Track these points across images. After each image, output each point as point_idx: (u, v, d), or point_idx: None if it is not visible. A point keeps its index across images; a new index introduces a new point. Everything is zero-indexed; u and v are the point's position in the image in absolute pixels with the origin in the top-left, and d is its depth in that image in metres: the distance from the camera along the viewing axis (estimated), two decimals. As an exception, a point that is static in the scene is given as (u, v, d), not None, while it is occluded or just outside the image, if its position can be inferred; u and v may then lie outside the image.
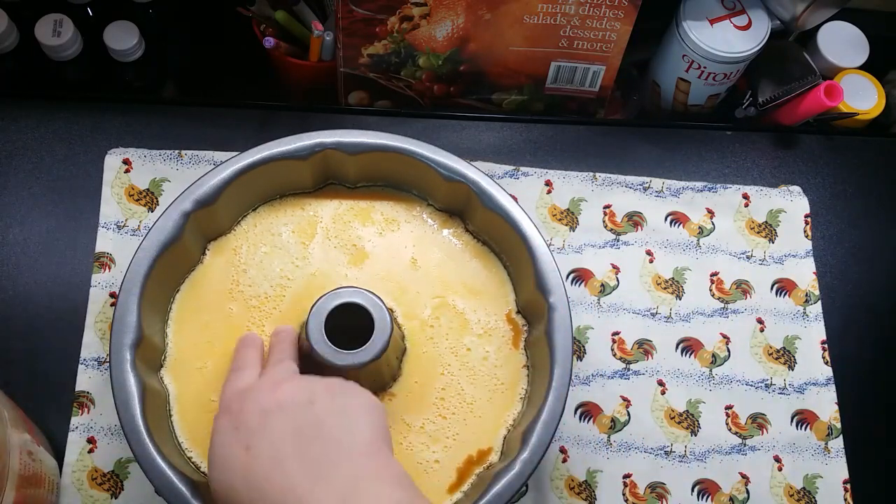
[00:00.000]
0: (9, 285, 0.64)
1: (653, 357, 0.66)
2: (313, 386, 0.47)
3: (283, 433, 0.44)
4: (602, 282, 0.68)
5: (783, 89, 0.74)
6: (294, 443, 0.44)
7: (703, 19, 0.71)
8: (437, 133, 0.72)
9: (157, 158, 0.68)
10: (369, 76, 0.72)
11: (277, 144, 0.59)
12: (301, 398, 0.46)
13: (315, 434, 0.44)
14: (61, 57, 0.71)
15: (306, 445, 0.44)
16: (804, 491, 0.64)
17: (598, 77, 0.73)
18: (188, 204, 0.57)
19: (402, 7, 0.65)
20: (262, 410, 0.46)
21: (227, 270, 0.60)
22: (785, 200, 0.73)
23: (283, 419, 0.45)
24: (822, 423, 0.66)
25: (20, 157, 0.68)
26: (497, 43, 0.69)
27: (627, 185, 0.71)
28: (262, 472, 0.43)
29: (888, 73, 0.80)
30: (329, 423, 0.45)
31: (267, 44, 0.69)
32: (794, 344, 0.68)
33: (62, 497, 0.58)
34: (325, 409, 0.46)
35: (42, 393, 0.61)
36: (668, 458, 0.64)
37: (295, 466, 0.43)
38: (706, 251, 0.70)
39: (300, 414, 0.45)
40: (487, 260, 0.63)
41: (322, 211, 0.63)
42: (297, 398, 0.46)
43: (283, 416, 0.45)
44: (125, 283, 0.55)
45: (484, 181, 0.60)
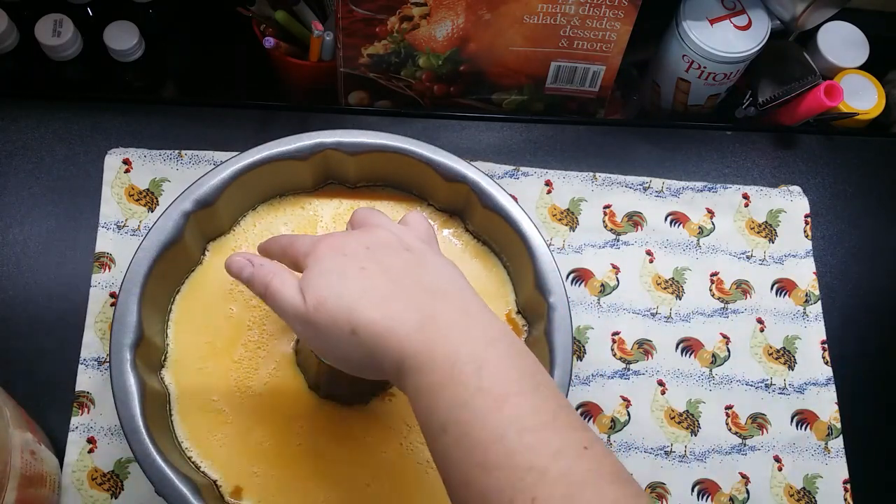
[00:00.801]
0: (9, 285, 0.64)
1: (653, 357, 0.66)
2: (403, 235, 0.48)
3: (392, 263, 0.46)
4: (602, 282, 0.68)
5: (783, 89, 0.74)
6: (404, 272, 0.45)
7: (703, 19, 0.71)
8: (437, 133, 0.72)
9: (157, 158, 0.68)
10: (369, 76, 0.72)
11: (277, 144, 0.59)
12: (396, 242, 0.47)
13: (421, 270, 0.46)
14: (61, 57, 0.71)
15: (416, 276, 0.45)
16: (804, 491, 0.64)
17: (598, 77, 0.73)
18: (188, 204, 0.57)
19: (402, 7, 0.65)
20: (365, 245, 0.47)
21: (228, 270, 0.61)
22: (785, 200, 0.73)
23: (389, 254, 0.46)
24: (822, 423, 0.66)
25: (20, 157, 0.68)
26: (497, 43, 0.69)
27: (627, 185, 0.71)
28: (379, 288, 0.44)
29: (888, 73, 0.80)
30: (432, 266, 0.47)
31: (267, 44, 0.69)
32: (794, 344, 0.68)
33: (62, 497, 0.58)
34: (422, 254, 0.47)
35: (42, 393, 0.61)
36: (668, 458, 0.64)
37: (413, 288, 0.44)
38: (706, 251, 0.70)
39: (402, 253, 0.47)
40: (487, 260, 0.63)
41: (322, 210, 0.63)
42: (394, 241, 0.47)
43: (388, 251, 0.46)
44: (125, 283, 0.55)
45: (484, 181, 0.60)
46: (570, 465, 0.38)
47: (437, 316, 0.43)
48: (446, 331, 0.42)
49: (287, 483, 0.56)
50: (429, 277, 0.45)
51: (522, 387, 0.40)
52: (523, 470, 0.37)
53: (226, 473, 0.55)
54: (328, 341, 0.45)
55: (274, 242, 0.52)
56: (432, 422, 0.41)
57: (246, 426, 0.57)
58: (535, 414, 0.39)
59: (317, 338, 0.45)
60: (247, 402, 0.57)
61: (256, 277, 0.48)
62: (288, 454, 0.56)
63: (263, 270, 0.48)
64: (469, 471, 0.39)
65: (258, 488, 0.55)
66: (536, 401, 0.40)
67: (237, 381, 0.58)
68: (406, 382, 0.42)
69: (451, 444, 0.40)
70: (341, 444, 0.57)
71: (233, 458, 0.56)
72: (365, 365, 0.45)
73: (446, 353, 0.41)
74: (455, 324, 0.43)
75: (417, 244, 0.48)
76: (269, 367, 0.58)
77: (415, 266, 0.46)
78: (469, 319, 0.43)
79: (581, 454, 0.38)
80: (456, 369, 0.40)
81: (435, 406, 0.40)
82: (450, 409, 0.40)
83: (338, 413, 0.58)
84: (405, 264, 0.46)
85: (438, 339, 0.42)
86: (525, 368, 0.42)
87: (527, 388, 0.40)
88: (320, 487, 0.56)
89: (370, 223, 0.50)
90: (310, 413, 0.57)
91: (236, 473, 0.55)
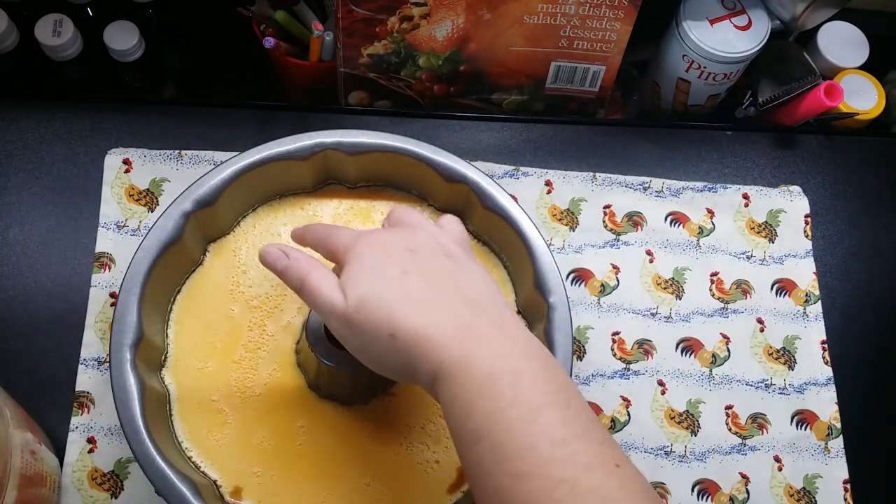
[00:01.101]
0: (9, 285, 0.64)
1: (653, 357, 0.66)
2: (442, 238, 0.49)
3: (433, 269, 0.46)
4: (602, 282, 0.68)
5: (783, 89, 0.74)
6: (444, 278, 0.46)
7: (703, 19, 0.71)
8: (437, 133, 0.72)
9: (157, 158, 0.68)
10: (369, 76, 0.72)
11: (277, 144, 0.59)
12: (437, 246, 0.48)
13: (459, 278, 0.46)
14: (61, 57, 0.71)
15: (455, 283, 0.46)
16: (804, 491, 0.64)
17: (598, 77, 0.73)
18: (188, 204, 0.57)
19: (402, 7, 0.65)
20: (407, 247, 0.47)
21: (228, 272, 0.61)
22: (785, 200, 0.73)
23: (430, 258, 0.47)
24: (822, 423, 0.66)
25: (20, 157, 0.68)
26: (497, 43, 0.69)
27: (627, 185, 0.71)
28: (420, 294, 0.44)
29: (888, 73, 0.80)
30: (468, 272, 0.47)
31: (267, 44, 0.69)
32: (794, 344, 0.68)
33: (62, 497, 0.58)
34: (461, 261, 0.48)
35: (42, 393, 0.61)
36: (668, 458, 0.64)
37: (453, 296, 0.45)
38: (706, 251, 0.70)
39: (442, 258, 0.47)
40: (487, 260, 0.63)
41: (322, 211, 0.63)
42: (434, 245, 0.48)
43: (429, 256, 0.47)
44: (125, 283, 0.55)
45: (484, 181, 0.60)
46: (601, 480, 0.38)
47: (475, 326, 0.43)
48: (484, 342, 0.43)
49: (287, 483, 0.56)
50: (467, 286, 0.46)
51: (555, 400, 0.41)
52: (555, 481, 0.38)
53: (226, 473, 0.55)
54: (365, 342, 0.45)
55: (311, 232, 0.52)
56: (466, 430, 0.41)
57: (246, 426, 0.57)
58: (567, 427, 0.40)
59: (353, 337, 0.45)
60: (247, 402, 0.57)
61: (292, 271, 0.48)
62: (288, 454, 0.56)
63: (300, 264, 0.48)
64: (501, 479, 0.39)
65: (258, 488, 0.55)
66: (568, 414, 0.41)
67: (237, 381, 0.58)
68: (440, 390, 0.42)
69: (484, 452, 0.40)
70: (341, 444, 0.57)
71: (233, 458, 0.56)
72: (399, 369, 0.45)
73: (483, 364, 0.42)
74: (492, 335, 0.43)
75: (456, 250, 0.48)
76: (269, 368, 0.58)
77: (454, 273, 0.47)
78: (505, 332, 0.44)
79: (612, 471, 0.39)
80: (492, 380, 0.41)
81: (470, 415, 0.41)
82: (485, 419, 0.40)
83: (338, 413, 0.58)
84: (445, 270, 0.46)
85: (476, 349, 0.42)
86: (558, 383, 0.42)
87: (560, 402, 0.41)
88: (320, 487, 0.56)
89: (410, 223, 0.50)
90: (310, 413, 0.57)
91: (236, 473, 0.55)
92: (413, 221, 0.50)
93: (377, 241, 0.47)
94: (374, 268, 0.46)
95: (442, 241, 0.48)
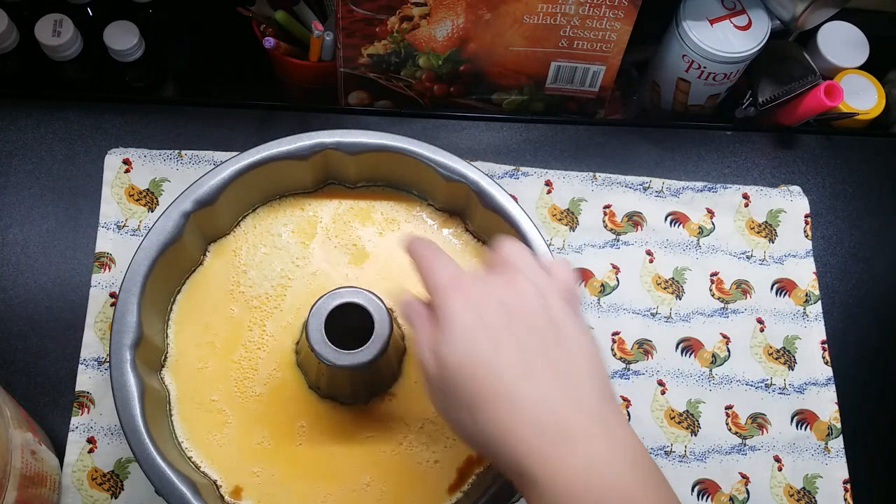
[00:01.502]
0: (9, 285, 0.64)
1: (653, 357, 0.66)
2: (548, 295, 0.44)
3: (530, 340, 0.42)
4: (602, 282, 0.68)
5: (783, 89, 0.74)
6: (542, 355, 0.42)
7: (703, 19, 0.71)
8: (437, 133, 0.72)
9: (157, 158, 0.68)
10: (369, 76, 0.72)
11: (277, 144, 0.59)
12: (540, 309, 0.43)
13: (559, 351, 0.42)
14: (61, 57, 0.71)
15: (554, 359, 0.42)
16: (804, 491, 0.64)
17: (598, 77, 0.73)
18: (188, 204, 0.57)
19: (402, 7, 0.65)
20: (503, 304, 0.43)
21: (228, 272, 0.61)
22: (785, 200, 0.73)
23: (526, 319, 0.43)
24: (822, 423, 0.66)
25: (20, 157, 0.68)
26: (497, 43, 0.69)
27: (627, 185, 0.71)
28: (510, 375, 0.41)
29: (888, 73, 0.80)
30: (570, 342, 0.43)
31: (267, 44, 0.69)
32: (794, 344, 0.68)
33: (62, 497, 0.58)
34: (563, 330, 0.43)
35: (42, 393, 0.61)
36: (668, 458, 0.64)
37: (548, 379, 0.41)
38: (706, 251, 0.70)
39: (542, 325, 0.43)
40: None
41: (322, 211, 0.63)
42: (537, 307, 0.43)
43: (525, 317, 0.43)
44: (125, 283, 0.55)
45: (484, 181, 0.60)
46: None
47: (571, 424, 0.40)
48: (580, 445, 0.39)
49: (287, 483, 0.56)
50: (566, 363, 0.42)
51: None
52: None
53: (226, 473, 0.55)
54: (448, 412, 0.43)
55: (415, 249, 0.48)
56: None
57: (246, 426, 0.57)
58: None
59: (437, 402, 0.44)
60: (247, 402, 0.57)
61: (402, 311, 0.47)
62: (288, 454, 0.56)
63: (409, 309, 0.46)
64: None
65: (258, 488, 0.55)
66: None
67: (237, 381, 0.58)
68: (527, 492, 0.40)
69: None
70: (341, 444, 0.57)
71: (233, 458, 0.56)
72: (482, 450, 0.42)
73: (577, 475, 0.39)
74: (590, 435, 0.40)
75: (560, 313, 0.44)
76: (269, 368, 0.58)
77: (553, 346, 0.43)
78: (607, 431, 0.40)
79: None
80: (586, 494, 0.38)
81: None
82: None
83: (338, 413, 0.58)
84: (543, 342, 0.43)
85: (570, 455, 0.39)
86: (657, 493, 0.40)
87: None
88: (320, 487, 0.56)
89: (514, 265, 0.46)
90: (310, 413, 0.57)
91: (236, 473, 0.55)
92: (518, 264, 0.46)
93: (473, 297, 0.44)
94: (463, 331, 0.42)
95: (547, 296, 0.44)
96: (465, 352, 0.42)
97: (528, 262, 0.46)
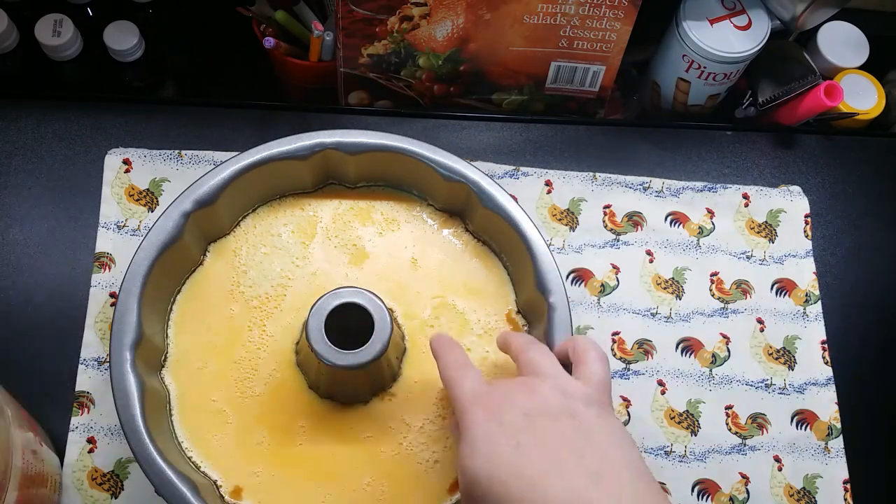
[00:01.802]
0: (9, 285, 0.64)
1: (653, 357, 0.66)
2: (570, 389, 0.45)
3: (554, 437, 0.43)
4: (602, 282, 0.68)
5: (783, 89, 0.74)
6: (567, 449, 0.42)
7: (703, 19, 0.71)
8: (437, 133, 0.72)
9: (157, 158, 0.68)
10: (369, 76, 0.72)
11: (277, 144, 0.59)
12: (561, 407, 0.44)
13: (585, 444, 0.43)
14: (61, 57, 0.71)
15: (580, 453, 0.42)
16: (804, 491, 0.64)
17: (598, 77, 0.73)
18: (188, 204, 0.57)
19: (402, 7, 0.65)
20: (525, 412, 0.44)
21: (228, 272, 0.61)
22: (785, 200, 0.73)
23: (550, 423, 0.43)
24: (822, 423, 0.66)
25: (20, 157, 0.68)
26: (497, 43, 0.69)
27: (627, 185, 0.71)
28: (538, 471, 0.41)
29: (888, 73, 0.80)
30: (597, 435, 0.43)
31: (267, 44, 0.69)
32: (794, 344, 0.68)
33: (62, 497, 0.58)
34: (590, 422, 0.44)
35: (42, 393, 0.61)
36: (668, 457, 0.64)
37: (575, 471, 0.41)
38: (706, 251, 0.70)
39: (566, 422, 0.43)
40: (487, 260, 0.63)
41: (322, 211, 0.63)
42: (558, 406, 0.44)
43: (549, 421, 0.43)
44: (125, 283, 0.55)
45: (484, 181, 0.60)
46: None
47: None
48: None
49: (287, 483, 0.56)
50: (593, 454, 0.42)
51: None
52: None
53: (226, 473, 0.55)
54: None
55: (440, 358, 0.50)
56: None
57: (246, 426, 0.57)
58: None
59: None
60: (247, 402, 0.57)
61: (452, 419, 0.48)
62: (288, 454, 0.56)
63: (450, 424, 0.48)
64: None
65: (258, 488, 0.55)
66: None
67: (237, 382, 0.58)
68: None
69: None
70: (341, 444, 0.57)
71: (233, 458, 0.56)
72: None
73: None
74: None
75: (582, 409, 0.44)
76: (269, 368, 0.58)
77: (577, 438, 0.43)
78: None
79: None
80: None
81: None
82: None
83: (338, 413, 0.58)
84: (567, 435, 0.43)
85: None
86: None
87: None
88: (320, 487, 0.56)
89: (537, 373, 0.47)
90: (310, 413, 0.57)
91: (236, 473, 0.55)
92: (542, 370, 0.47)
93: (493, 406, 0.44)
94: (485, 442, 0.43)
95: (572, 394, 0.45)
96: (486, 458, 0.43)
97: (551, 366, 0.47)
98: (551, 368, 0.48)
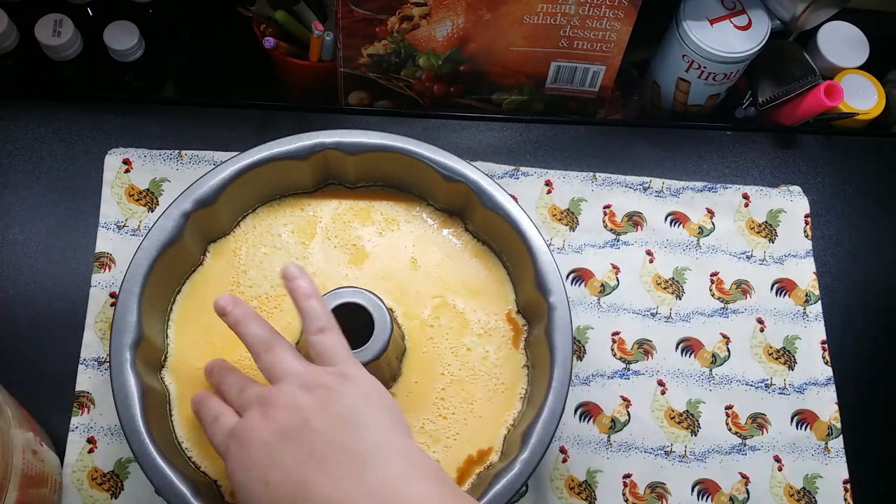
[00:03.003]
0: (9, 285, 0.64)
1: (653, 357, 0.66)
2: (301, 403, 0.45)
3: (294, 460, 0.44)
4: (602, 282, 0.68)
5: (783, 89, 0.74)
6: (311, 464, 0.43)
7: (703, 19, 0.71)
8: (437, 133, 0.72)
9: (157, 158, 0.68)
10: (369, 76, 0.72)
11: (277, 144, 0.59)
12: (296, 420, 0.45)
13: (326, 452, 0.43)
14: (61, 57, 0.71)
15: (323, 463, 0.43)
16: (804, 491, 0.64)
17: (598, 77, 0.73)
18: (188, 204, 0.57)
19: (402, 7, 0.65)
20: (263, 444, 0.45)
21: (228, 272, 0.61)
22: (785, 200, 0.73)
23: (287, 447, 0.44)
24: (822, 423, 0.66)
25: (20, 157, 0.68)
26: (497, 43, 0.69)
27: (627, 185, 0.71)
28: (290, 502, 0.43)
29: (888, 73, 0.80)
30: (336, 438, 0.44)
31: (267, 44, 0.69)
32: (794, 344, 0.68)
33: (62, 497, 0.58)
34: (325, 426, 0.44)
35: (42, 393, 0.61)
36: (668, 458, 0.64)
37: (322, 485, 0.42)
38: (706, 251, 0.70)
39: (303, 436, 0.44)
40: (487, 260, 0.63)
41: (322, 211, 0.63)
42: (292, 422, 0.45)
43: (286, 444, 0.44)
44: (125, 283, 0.55)
45: (484, 181, 0.60)
46: None
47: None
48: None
49: (287, 483, 0.55)
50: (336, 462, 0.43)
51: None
52: None
53: (226, 474, 0.55)
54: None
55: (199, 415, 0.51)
56: None
57: (246, 426, 0.57)
58: None
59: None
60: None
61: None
62: (288, 454, 0.56)
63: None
64: None
65: (258, 488, 0.55)
66: None
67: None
68: None
69: None
70: (341, 444, 0.57)
71: (233, 458, 0.56)
72: None
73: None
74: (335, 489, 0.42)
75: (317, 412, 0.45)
76: (269, 367, 0.58)
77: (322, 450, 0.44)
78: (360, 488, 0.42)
79: None
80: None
81: None
82: None
83: (338, 413, 0.57)
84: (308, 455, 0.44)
85: None
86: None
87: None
88: (320, 487, 0.56)
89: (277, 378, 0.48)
90: (310, 413, 0.57)
91: (236, 473, 0.55)
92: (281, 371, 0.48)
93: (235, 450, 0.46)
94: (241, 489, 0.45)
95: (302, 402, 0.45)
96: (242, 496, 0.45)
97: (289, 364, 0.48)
98: (290, 366, 0.48)
